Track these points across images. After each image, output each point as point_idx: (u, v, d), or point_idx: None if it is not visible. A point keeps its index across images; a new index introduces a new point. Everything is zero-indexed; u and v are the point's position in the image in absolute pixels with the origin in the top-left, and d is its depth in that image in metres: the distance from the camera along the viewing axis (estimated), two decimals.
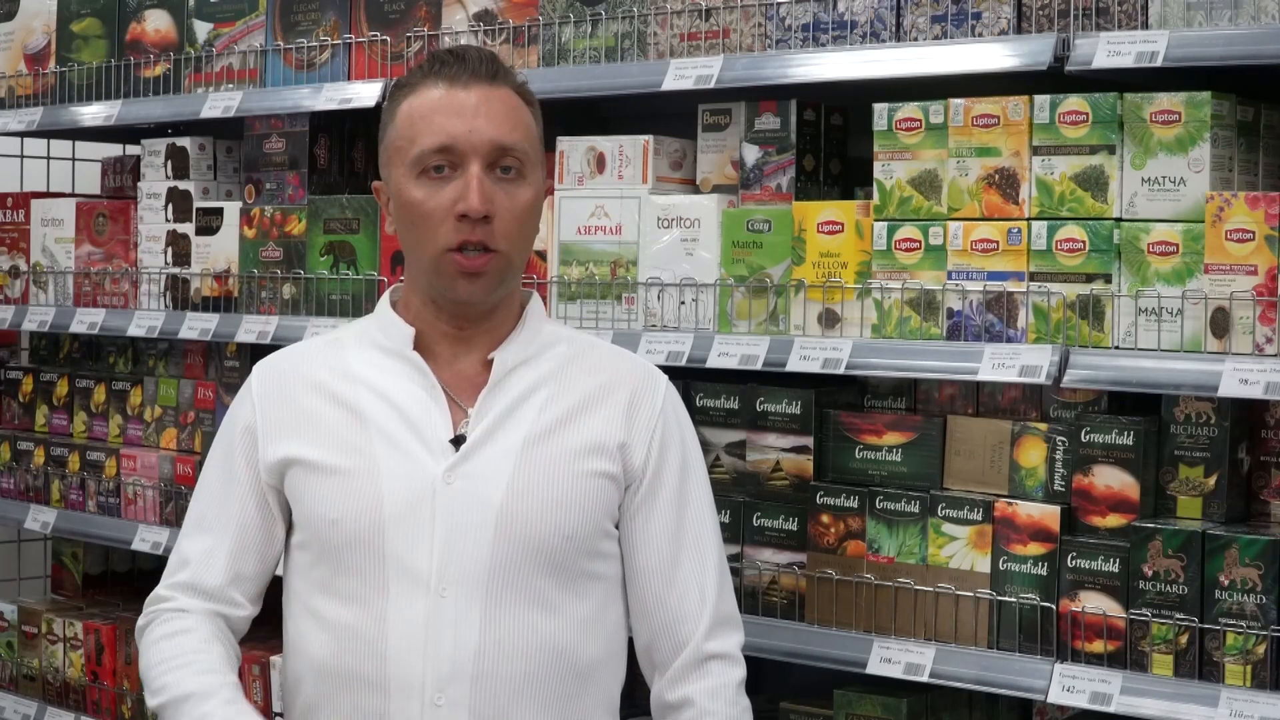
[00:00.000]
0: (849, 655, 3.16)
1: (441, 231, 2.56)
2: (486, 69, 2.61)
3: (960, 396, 3.24)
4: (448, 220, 2.56)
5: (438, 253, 2.57)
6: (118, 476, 4.44)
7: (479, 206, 2.54)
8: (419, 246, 2.60)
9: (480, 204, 2.54)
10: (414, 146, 2.58)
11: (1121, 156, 2.94)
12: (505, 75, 2.64)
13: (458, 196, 2.56)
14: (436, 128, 2.57)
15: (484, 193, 2.55)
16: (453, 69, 2.61)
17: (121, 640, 4.50)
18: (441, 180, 2.57)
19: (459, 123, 2.57)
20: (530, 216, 2.63)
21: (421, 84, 2.62)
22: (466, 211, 2.54)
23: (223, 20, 4.24)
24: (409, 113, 2.61)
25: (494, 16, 3.72)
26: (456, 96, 2.59)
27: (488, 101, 2.59)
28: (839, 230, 3.22)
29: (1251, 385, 2.72)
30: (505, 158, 2.58)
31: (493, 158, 2.58)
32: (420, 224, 2.58)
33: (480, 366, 2.66)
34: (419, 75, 2.64)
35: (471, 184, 2.55)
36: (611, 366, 2.72)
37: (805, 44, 3.27)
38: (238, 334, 4.05)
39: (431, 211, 2.57)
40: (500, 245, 2.58)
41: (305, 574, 2.65)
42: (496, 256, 2.58)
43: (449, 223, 2.56)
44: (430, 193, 2.57)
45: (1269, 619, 2.78)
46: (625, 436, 2.66)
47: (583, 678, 2.62)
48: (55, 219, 4.62)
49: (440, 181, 2.57)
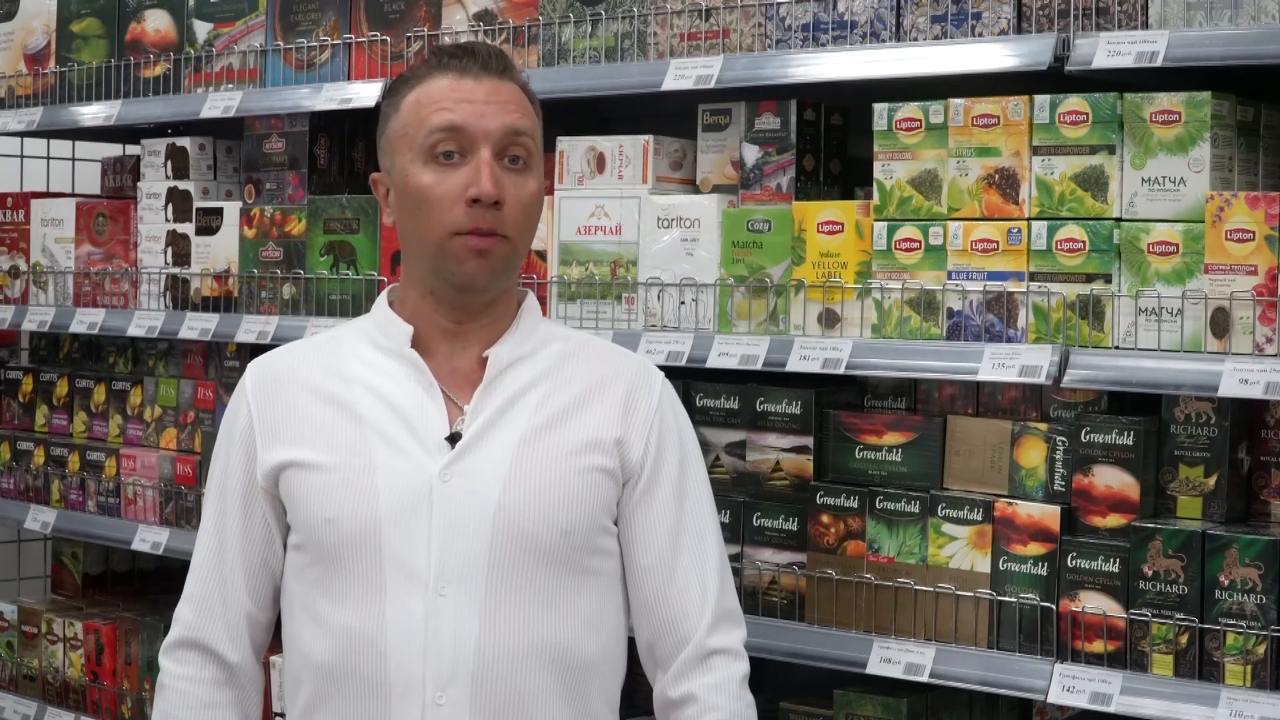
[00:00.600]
0: (849, 655, 3.16)
1: (451, 216, 2.56)
2: (496, 63, 2.63)
3: (960, 396, 3.24)
4: (458, 205, 2.56)
5: (445, 236, 2.57)
6: (118, 476, 4.44)
7: (492, 190, 2.55)
8: (424, 232, 2.59)
9: (493, 188, 2.55)
10: (422, 129, 2.58)
11: (1121, 156, 2.94)
12: (513, 72, 2.66)
13: (469, 181, 2.56)
14: (448, 113, 2.57)
15: (495, 178, 2.56)
16: (462, 61, 2.62)
17: (121, 640, 4.50)
18: (451, 166, 2.57)
19: (469, 108, 2.57)
20: (535, 207, 2.64)
21: (429, 75, 2.62)
22: (480, 195, 2.54)
23: (223, 20, 4.24)
24: (416, 101, 2.61)
25: (494, 16, 3.72)
26: (466, 85, 2.60)
27: (498, 92, 2.60)
28: (839, 230, 3.22)
29: (1251, 385, 2.72)
30: (514, 146, 2.59)
31: (503, 144, 2.58)
32: (427, 209, 2.58)
33: (476, 364, 2.66)
34: (425, 68, 2.64)
35: (483, 169, 2.56)
36: (607, 363, 2.73)
37: (805, 44, 3.27)
38: (238, 334, 4.05)
39: (441, 196, 2.57)
40: (509, 231, 2.58)
41: (302, 574, 2.64)
42: (504, 242, 2.58)
43: (459, 207, 2.56)
44: (440, 178, 2.57)
45: (1269, 619, 2.78)
46: (622, 432, 2.66)
47: (583, 675, 2.62)
48: (55, 219, 4.62)
49: (449, 167, 2.57)
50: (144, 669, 4.44)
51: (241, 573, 2.68)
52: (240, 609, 2.69)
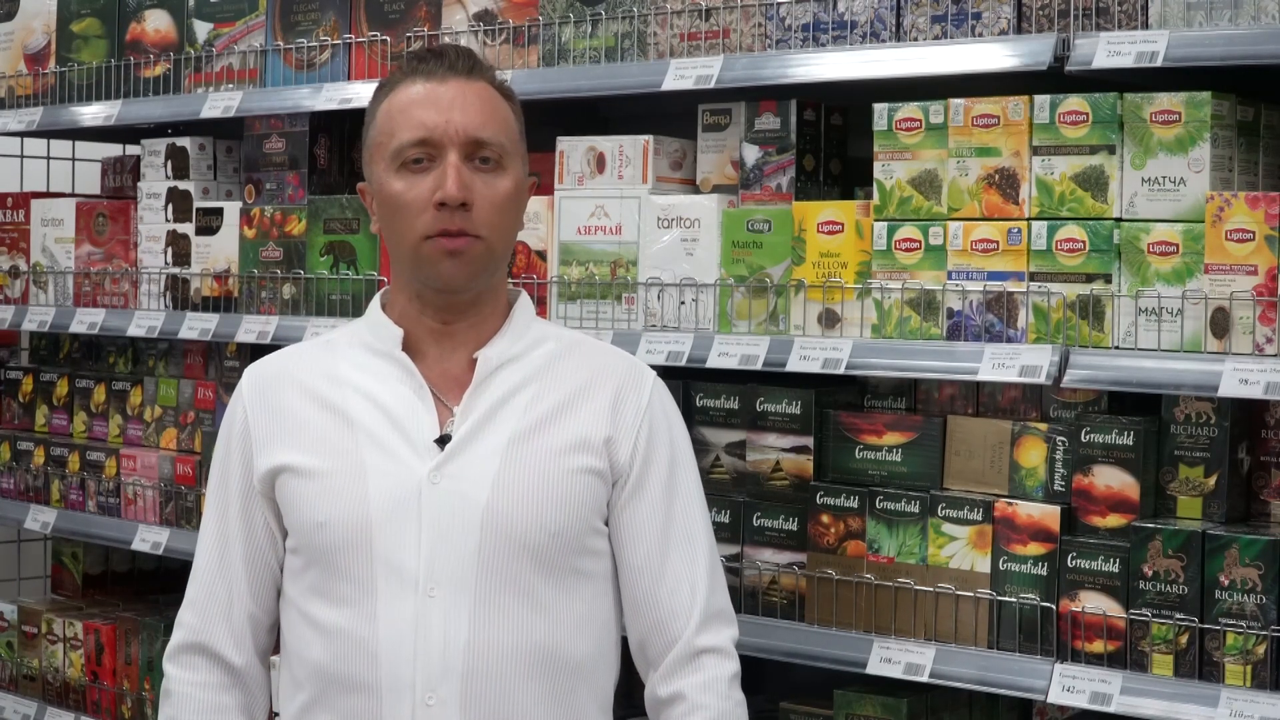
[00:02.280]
0: (849, 655, 3.16)
1: (421, 220, 2.59)
2: (463, 64, 2.65)
3: (960, 396, 3.24)
4: (427, 210, 2.58)
5: (417, 240, 2.59)
6: (118, 476, 4.44)
7: (456, 193, 2.57)
8: (400, 238, 2.62)
9: (457, 191, 2.57)
10: (393, 140, 2.62)
11: (1121, 156, 2.94)
12: (481, 70, 2.67)
13: (436, 185, 2.58)
14: (414, 121, 2.60)
15: (461, 180, 2.58)
16: (430, 65, 2.65)
17: (121, 640, 4.50)
18: (420, 171, 2.60)
19: (435, 114, 2.60)
20: (509, 205, 2.65)
21: (401, 82, 2.66)
22: (444, 199, 2.57)
23: (223, 20, 4.24)
24: (388, 110, 2.65)
25: (494, 16, 3.72)
26: (434, 90, 2.62)
27: (463, 94, 2.62)
28: (839, 230, 3.22)
29: (1251, 385, 2.72)
30: (482, 149, 2.61)
31: (469, 149, 2.60)
32: (400, 214, 2.60)
33: (466, 365, 2.67)
34: (399, 75, 2.68)
35: (449, 172, 2.58)
36: (597, 362, 2.73)
37: (805, 44, 3.27)
38: (238, 334, 4.05)
39: (411, 202, 2.59)
40: (481, 231, 2.60)
41: (298, 578, 2.65)
42: (477, 242, 2.60)
43: (429, 212, 2.58)
44: (410, 184, 2.60)
45: (1269, 619, 2.78)
46: (611, 431, 2.67)
47: (574, 675, 2.62)
48: (55, 219, 4.62)
49: (419, 173, 2.60)
50: (144, 669, 4.44)
51: (244, 575, 2.69)
52: (244, 611, 2.69)
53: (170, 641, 2.74)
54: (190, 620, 2.71)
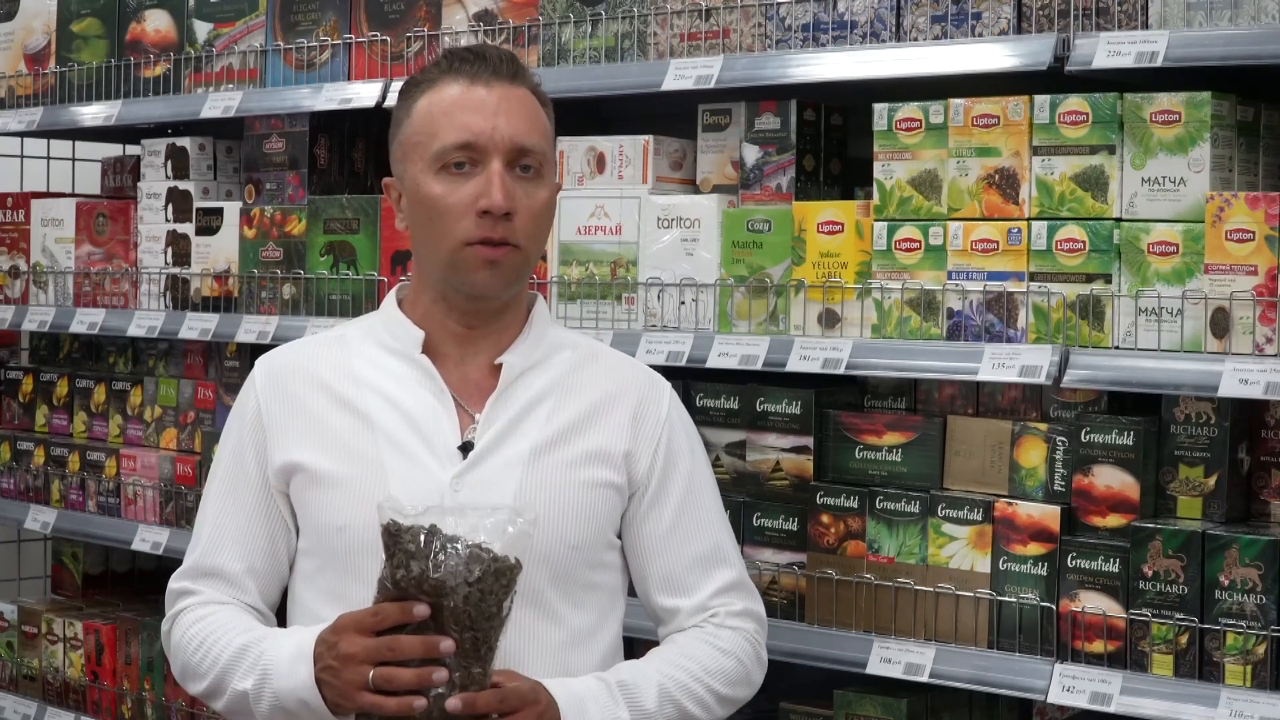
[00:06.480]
0: (849, 655, 3.16)
1: (461, 226, 2.55)
2: (507, 68, 2.61)
3: (960, 396, 3.24)
4: (468, 215, 2.55)
5: (457, 246, 2.56)
6: (118, 476, 4.44)
7: (503, 203, 2.54)
8: (436, 241, 2.59)
9: (504, 200, 2.54)
10: (434, 142, 2.57)
11: (1121, 156, 2.94)
12: (524, 76, 2.64)
13: (479, 192, 2.55)
14: (458, 124, 2.56)
15: (506, 189, 2.55)
16: (473, 66, 2.60)
17: (121, 640, 4.50)
18: (462, 176, 2.56)
19: (480, 120, 2.56)
20: (547, 215, 2.64)
21: (440, 80, 2.61)
22: (490, 208, 2.54)
23: (223, 20, 4.24)
24: (428, 108, 2.60)
25: (494, 16, 3.72)
26: (477, 93, 2.58)
27: (508, 100, 2.59)
28: (839, 230, 3.22)
29: (1251, 385, 2.72)
30: (525, 157, 2.58)
31: (512, 157, 2.57)
32: (439, 218, 2.57)
33: (488, 370, 2.65)
34: (436, 72, 2.63)
35: (494, 180, 2.54)
36: (617, 374, 2.72)
37: (805, 44, 3.27)
38: (238, 334, 4.05)
39: (452, 206, 2.56)
40: (520, 241, 2.57)
41: (311, 581, 2.64)
42: (516, 251, 2.58)
43: (470, 218, 2.55)
44: (451, 188, 2.56)
45: (1269, 619, 2.78)
46: (630, 445, 2.66)
47: None
48: (55, 219, 4.63)
49: (461, 177, 2.56)
50: (144, 669, 4.44)
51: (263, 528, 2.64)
52: (259, 552, 2.64)
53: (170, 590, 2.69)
54: (194, 560, 2.67)
